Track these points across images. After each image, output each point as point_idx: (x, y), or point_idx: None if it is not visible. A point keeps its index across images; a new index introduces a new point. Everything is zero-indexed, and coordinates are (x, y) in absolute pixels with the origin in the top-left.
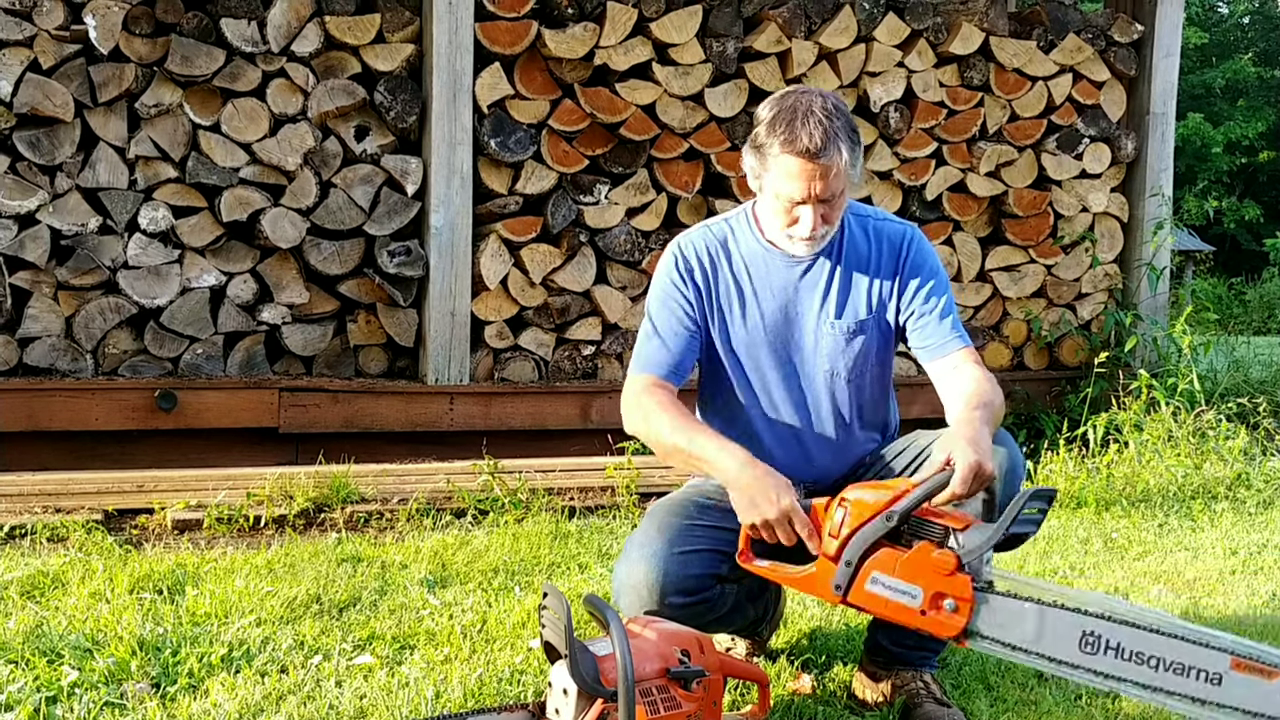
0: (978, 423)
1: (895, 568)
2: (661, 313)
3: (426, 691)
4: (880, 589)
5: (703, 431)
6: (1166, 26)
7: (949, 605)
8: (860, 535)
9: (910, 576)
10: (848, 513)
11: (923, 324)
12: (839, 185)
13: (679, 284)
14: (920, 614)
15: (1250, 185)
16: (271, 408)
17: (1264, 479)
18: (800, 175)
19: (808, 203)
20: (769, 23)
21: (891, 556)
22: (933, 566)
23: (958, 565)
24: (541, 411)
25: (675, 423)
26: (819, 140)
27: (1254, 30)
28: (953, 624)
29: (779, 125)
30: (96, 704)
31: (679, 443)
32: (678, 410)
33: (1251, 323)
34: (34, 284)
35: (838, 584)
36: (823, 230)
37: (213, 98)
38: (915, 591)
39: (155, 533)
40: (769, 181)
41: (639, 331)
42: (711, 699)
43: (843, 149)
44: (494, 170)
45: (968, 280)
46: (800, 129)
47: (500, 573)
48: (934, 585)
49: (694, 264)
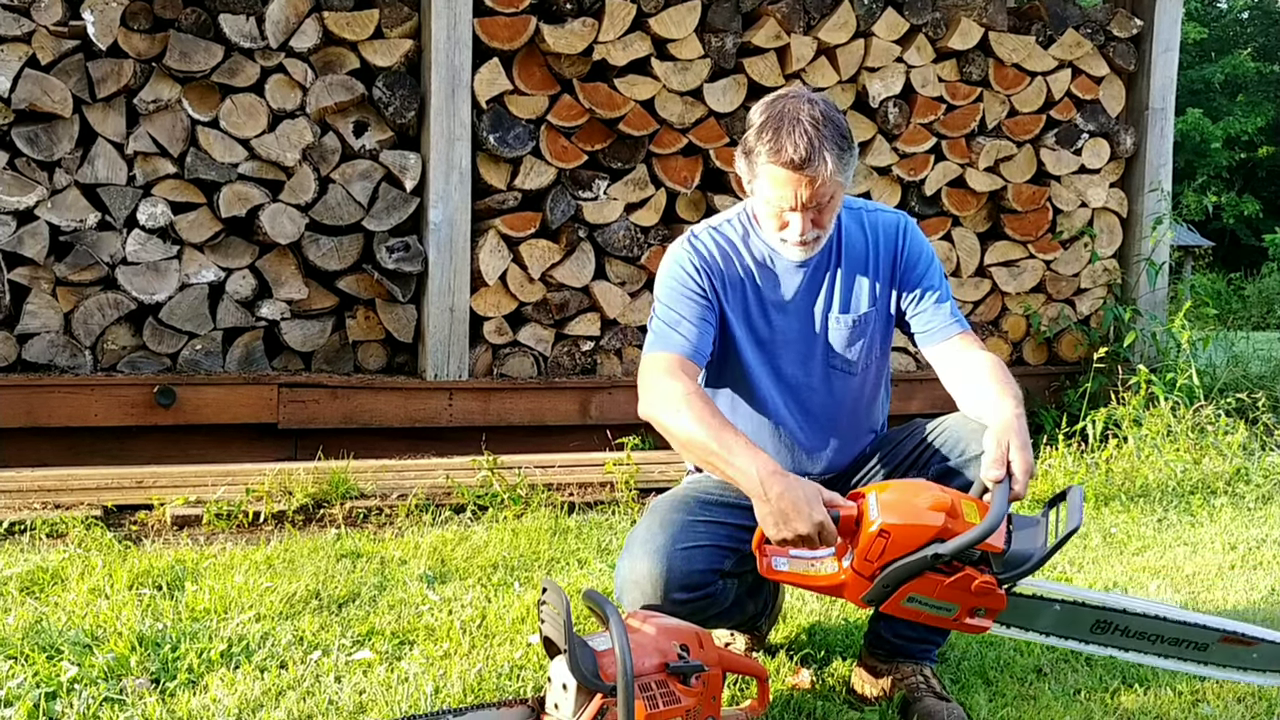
0: (1022, 420)
1: (935, 591)
2: (679, 300)
3: (426, 687)
4: (916, 605)
5: (731, 431)
6: (1165, 21)
7: (981, 612)
8: (897, 572)
9: (949, 597)
10: (889, 542)
11: (923, 310)
12: (827, 192)
13: (694, 275)
14: (952, 621)
15: (1249, 180)
16: (270, 403)
17: (1263, 474)
18: (786, 184)
19: (796, 210)
20: (768, 18)
21: (933, 582)
22: (974, 590)
23: (997, 586)
24: (540, 407)
25: (702, 415)
26: (804, 151)
27: (1253, 25)
28: (982, 625)
29: (765, 133)
30: (96, 699)
31: (702, 438)
32: (704, 401)
33: (1250, 318)
34: (33, 280)
35: (870, 599)
36: (813, 234)
37: (211, 93)
38: (952, 608)
39: (154, 528)
40: (758, 187)
41: (651, 323)
42: (711, 694)
43: (828, 158)
44: (493, 166)
45: (967, 275)
46: (785, 139)
47: (499, 568)
48: (970, 603)
49: (708, 258)
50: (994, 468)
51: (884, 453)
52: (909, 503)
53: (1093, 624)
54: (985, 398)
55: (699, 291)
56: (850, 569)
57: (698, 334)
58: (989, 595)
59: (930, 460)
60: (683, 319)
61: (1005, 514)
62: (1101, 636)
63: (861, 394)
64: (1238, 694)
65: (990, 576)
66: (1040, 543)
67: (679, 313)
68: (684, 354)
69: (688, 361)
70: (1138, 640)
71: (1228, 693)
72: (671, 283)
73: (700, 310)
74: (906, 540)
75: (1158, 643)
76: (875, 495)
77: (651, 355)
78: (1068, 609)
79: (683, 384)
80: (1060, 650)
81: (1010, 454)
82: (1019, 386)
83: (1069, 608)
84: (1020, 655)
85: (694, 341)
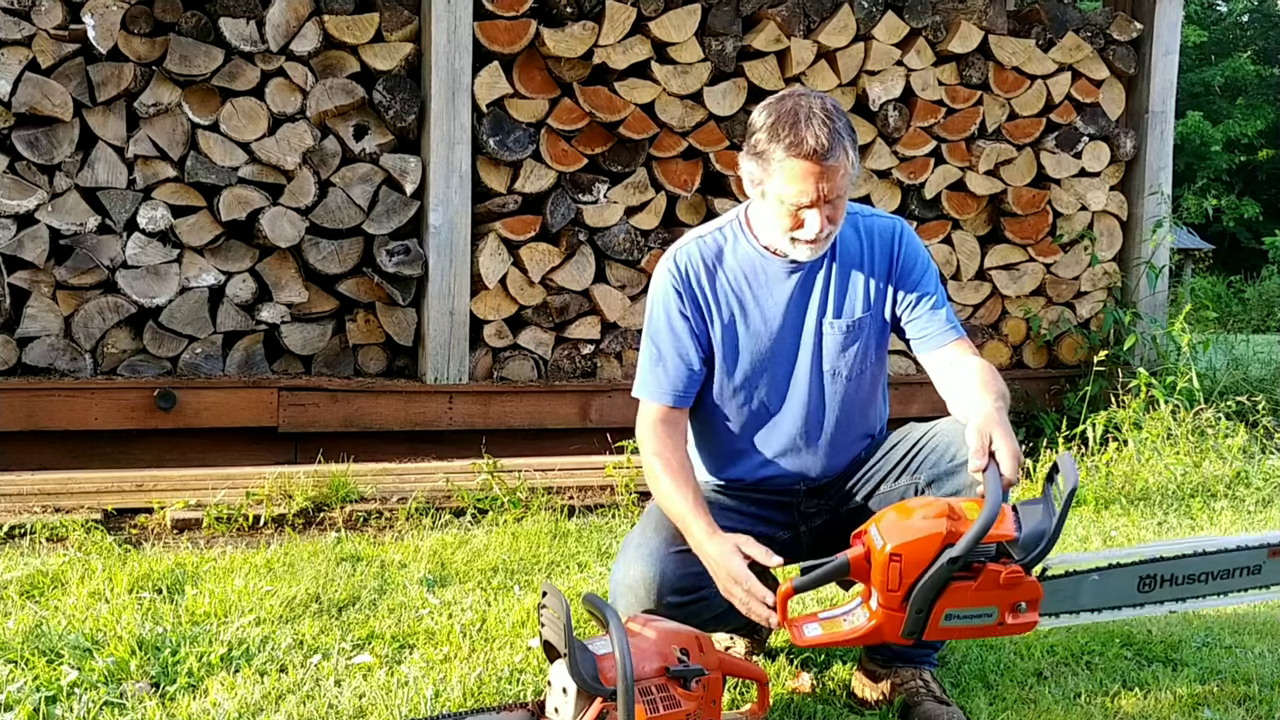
0: (1002, 412)
1: (967, 599)
2: (664, 334)
3: (426, 691)
4: (956, 622)
5: (692, 512)
6: (1165, 25)
7: (1022, 607)
8: (923, 591)
9: (983, 601)
10: (903, 564)
11: (918, 316)
12: (844, 186)
13: (678, 301)
14: (998, 626)
15: (1249, 183)
16: (270, 407)
17: (1263, 477)
18: (807, 178)
19: (815, 206)
20: (768, 21)
21: (962, 590)
22: (1003, 585)
23: (1025, 573)
24: (540, 410)
25: (670, 487)
26: (825, 142)
27: (1253, 28)
28: (1028, 621)
29: (782, 129)
30: (96, 704)
31: (673, 513)
32: (678, 471)
33: (1250, 321)
34: (33, 283)
35: (909, 631)
36: (827, 231)
37: (211, 97)
38: (991, 611)
39: (154, 532)
40: (772, 187)
41: (641, 350)
42: (711, 698)
43: (847, 148)
44: (493, 169)
45: (967, 279)
46: (805, 131)
47: (499, 572)
48: (1007, 600)
49: (691, 278)
50: (976, 458)
51: (878, 457)
52: (908, 520)
53: (1138, 583)
54: (968, 399)
55: (681, 317)
56: (880, 608)
57: (681, 371)
58: (1020, 585)
59: (922, 465)
60: (663, 357)
61: (1001, 498)
62: (1152, 594)
63: (855, 399)
64: (1238, 697)
65: (1015, 566)
66: (1051, 517)
67: (661, 349)
68: (668, 403)
69: (672, 411)
70: (1189, 585)
71: (1228, 695)
72: (655, 310)
73: (682, 344)
74: (918, 555)
75: (1210, 580)
76: (875, 527)
77: (643, 403)
78: (1105, 575)
79: (661, 452)
80: (1061, 654)
81: (994, 444)
82: (1007, 387)
83: (1106, 573)
84: (1020, 659)
85: (677, 383)
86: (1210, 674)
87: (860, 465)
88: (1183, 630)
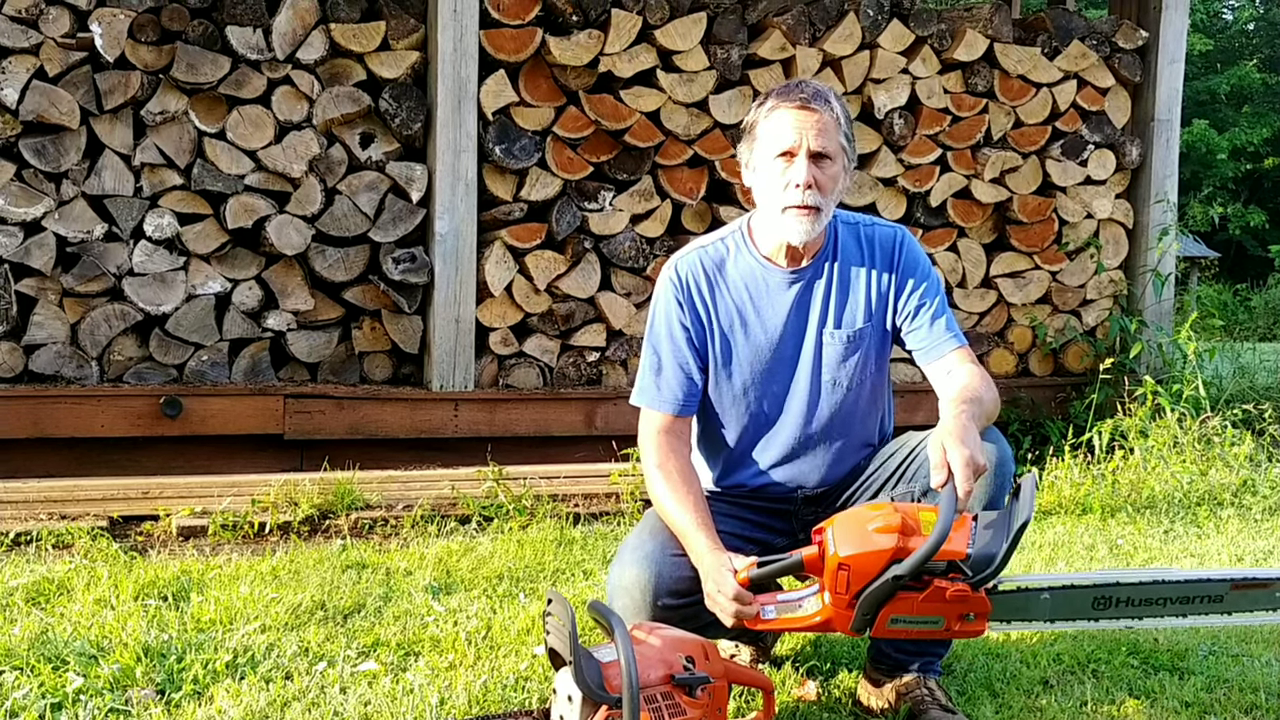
0: (964, 418)
1: (912, 608)
2: (665, 344)
3: (431, 698)
4: (902, 625)
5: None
6: (1171, 33)
7: (970, 617)
8: (869, 598)
9: (929, 611)
10: (850, 573)
11: (918, 327)
12: (832, 145)
13: (678, 311)
14: (945, 631)
15: (1255, 191)
16: (276, 414)
17: (1270, 485)
18: (794, 126)
19: (799, 152)
20: (773, 30)
21: (907, 600)
22: (950, 600)
23: (971, 590)
24: (546, 418)
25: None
26: (810, 91)
27: (1259, 37)
28: (976, 629)
29: (770, 94)
30: (101, 710)
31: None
32: (680, 484)
33: (1257, 329)
34: (39, 291)
35: (857, 628)
36: (815, 197)
37: (218, 105)
38: (937, 620)
39: (160, 539)
40: (761, 148)
41: (641, 358)
42: (716, 706)
43: (834, 104)
44: (499, 177)
45: (972, 287)
46: (793, 86)
47: (505, 579)
48: (954, 611)
49: (692, 288)
50: (935, 472)
51: (876, 465)
52: (861, 531)
53: (1092, 601)
54: (942, 411)
55: (681, 327)
56: (830, 605)
57: (682, 380)
58: (966, 601)
59: (917, 473)
60: (664, 366)
61: (951, 521)
62: (1107, 611)
63: (855, 409)
64: (1245, 705)
65: (962, 584)
66: (1003, 541)
67: (661, 358)
68: (671, 412)
69: (674, 420)
70: (1146, 607)
71: (1235, 704)
72: (656, 318)
73: (682, 353)
74: (865, 568)
75: (1168, 604)
76: (831, 529)
77: (644, 413)
78: (1059, 594)
79: (664, 464)
80: (1067, 662)
81: (948, 456)
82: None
83: (1060, 592)
84: (1026, 667)
85: (679, 393)
86: (1217, 682)
87: (859, 474)
88: (1189, 638)
